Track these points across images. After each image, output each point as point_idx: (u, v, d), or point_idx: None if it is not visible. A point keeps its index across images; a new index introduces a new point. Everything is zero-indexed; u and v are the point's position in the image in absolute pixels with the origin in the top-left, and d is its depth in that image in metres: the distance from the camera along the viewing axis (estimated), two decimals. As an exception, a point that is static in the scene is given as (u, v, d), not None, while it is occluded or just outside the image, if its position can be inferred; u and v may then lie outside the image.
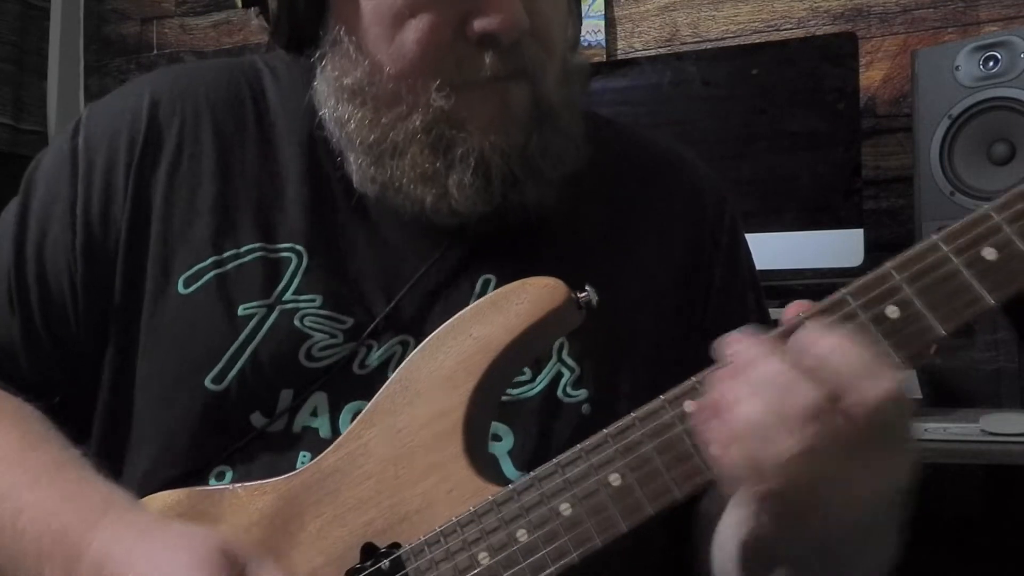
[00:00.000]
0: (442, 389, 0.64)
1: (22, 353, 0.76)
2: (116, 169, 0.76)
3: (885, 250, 1.73)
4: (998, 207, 0.51)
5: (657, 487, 0.55)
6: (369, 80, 0.71)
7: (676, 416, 0.56)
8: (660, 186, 0.84)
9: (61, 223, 0.76)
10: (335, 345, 0.72)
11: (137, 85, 0.82)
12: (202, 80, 0.80)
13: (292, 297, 0.73)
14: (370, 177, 0.73)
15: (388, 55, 0.70)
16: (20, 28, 2.33)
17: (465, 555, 0.58)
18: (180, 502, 0.67)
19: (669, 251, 0.80)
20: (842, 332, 0.51)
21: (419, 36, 0.68)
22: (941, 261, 0.52)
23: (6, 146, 2.29)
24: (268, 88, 0.81)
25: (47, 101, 2.41)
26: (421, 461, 0.62)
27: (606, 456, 0.57)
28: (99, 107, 0.81)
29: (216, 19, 2.36)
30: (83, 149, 0.77)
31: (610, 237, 0.80)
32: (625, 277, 0.78)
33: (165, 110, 0.78)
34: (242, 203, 0.75)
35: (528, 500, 0.58)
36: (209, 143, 0.77)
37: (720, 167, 1.78)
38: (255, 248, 0.74)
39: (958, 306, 0.51)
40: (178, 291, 0.73)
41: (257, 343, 0.71)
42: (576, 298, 0.65)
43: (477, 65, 0.69)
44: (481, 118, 0.70)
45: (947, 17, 1.78)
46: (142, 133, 0.77)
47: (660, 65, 1.80)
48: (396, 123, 0.71)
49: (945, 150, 1.48)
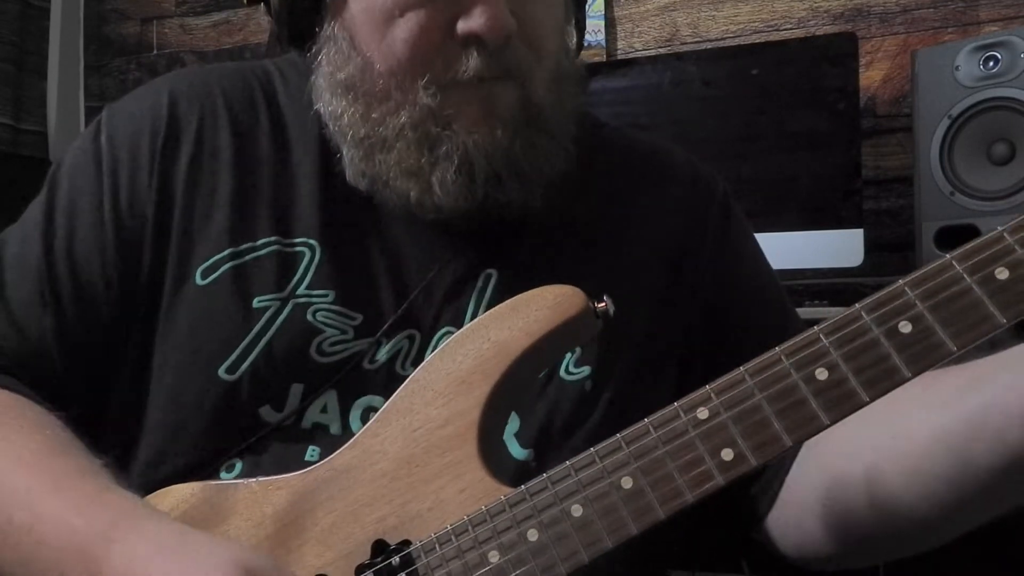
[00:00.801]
0: (459, 391, 0.64)
1: (55, 349, 0.76)
2: (140, 165, 0.78)
3: (885, 250, 1.76)
4: (1011, 229, 0.52)
5: (669, 491, 0.56)
6: (361, 76, 0.73)
7: (690, 422, 0.56)
8: (650, 177, 0.86)
9: (90, 221, 0.77)
10: (345, 341, 0.73)
11: (155, 85, 0.84)
12: (217, 81, 0.83)
13: (305, 291, 0.74)
14: (360, 171, 0.75)
15: (379, 52, 0.71)
16: (20, 28, 2.32)
17: (475, 553, 0.59)
18: (195, 495, 0.68)
19: (661, 235, 0.82)
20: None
21: (408, 35, 0.70)
22: (954, 279, 0.52)
23: (6, 146, 2.29)
24: (279, 90, 0.83)
25: (47, 101, 2.40)
26: (435, 461, 0.63)
27: (619, 459, 0.57)
28: (119, 107, 0.83)
29: (216, 19, 2.36)
30: (107, 148, 0.79)
31: (606, 228, 0.82)
32: (621, 263, 0.80)
33: (184, 107, 0.80)
34: (258, 198, 0.77)
35: (540, 501, 0.58)
36: (227, 140, 0.79)
37: (720, 167, 1.76)
38: (271, 242, 0.76)
39: (970, 324, 0.51)
40: (196, 282, 0.75)
41: (271, 335, 0.73)
42: (594, 307, 0.66)
43: (463, 65, 0.70)
44: (466, 117, 0.72)
45: (947, 17, 1.79)
46: (163, 130, 0.79)
47: (660, 65, 1.80)
48: (385, 118, 0.72)
49: (945, 150, 1.48)
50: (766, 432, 0.54)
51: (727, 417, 0.55)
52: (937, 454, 0.62)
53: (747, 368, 0.56)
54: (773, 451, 0.54)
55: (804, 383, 0.54)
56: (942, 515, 0.64)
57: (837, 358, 0.53)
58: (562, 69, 0.77)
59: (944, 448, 0.61)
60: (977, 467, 0.60)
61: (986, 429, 0.59)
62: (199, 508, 0.67)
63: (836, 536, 0.70)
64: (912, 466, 0.63)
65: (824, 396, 0.53)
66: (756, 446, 0.54)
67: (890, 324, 0.53)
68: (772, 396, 0.55)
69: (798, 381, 0.54)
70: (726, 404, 0.56)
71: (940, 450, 0.62)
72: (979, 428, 0.59)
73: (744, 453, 0.54)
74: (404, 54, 0.70)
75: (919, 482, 0.63)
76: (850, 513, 0.68)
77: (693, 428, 0.56)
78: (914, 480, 0.63)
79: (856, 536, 0.69)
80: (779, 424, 0.54)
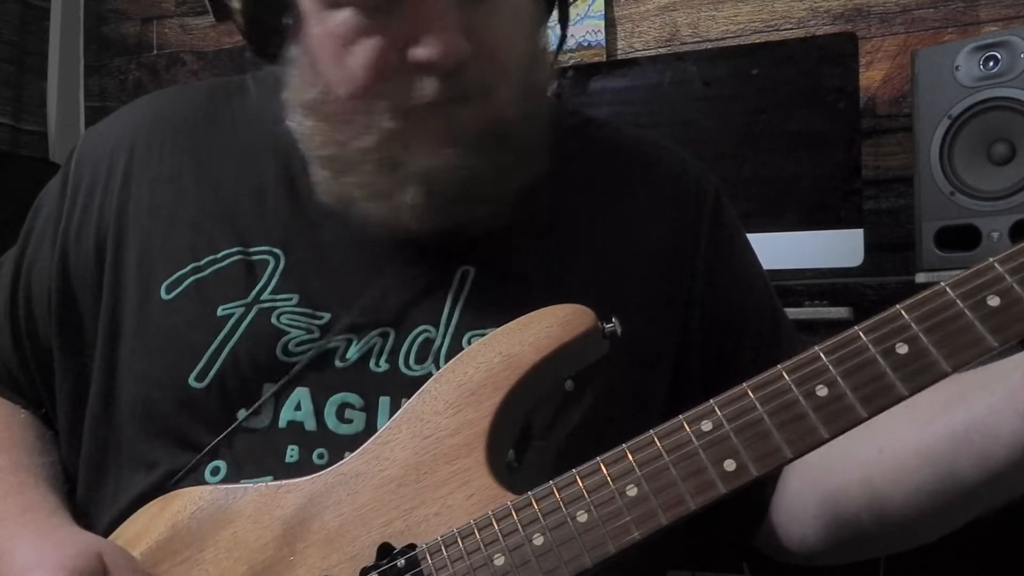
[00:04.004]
0: (469, 401, 0.66)
1: (13, 360, 0.84)
2: (95, 191, 0.82)
3: (885, 250, 1.77)
4: (1002, 259, 0.54)
5: (671, 498, 0.57)
6: (324, 99, 0.73)
7: (694, 433, 0.57)
8: (640, 173, 0.85)
9: (48, 243, 0.82)
10: (311, 340, 0.74)
11: (128, 109, 0.88)
12: (184, 103, 0.86)
13: (269, 296, 0.75)
14: (327, 190, 0.76)
15: (338, 77, 0.71)
16: (20, 28, 2.33)
17: (480, 556, 0.59)
18: (203, 497, 0.69)
19: (651, 235, 0.82)
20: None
21: (364, 62, 0.70)
22: (948, 304, 0.54)
23: (6, 146, 2.30)
24: (245, 105, 0.85)
25: (47, 101, 2.41)
26: (444, 468, 0.64)
27: (624, 467, 0.58)
28: (93, 132, 0.87)
29: (216, 19, 2.36)
30: (73, 172, 0.84)
31: (592, 225, 0.81)
32: (607, 263, 0.80)
33: (145, 133, 0.83)
34: (220, 213, 0.79)
35: (545, 506, 0.59)
36: (188, 162, 0.81)
37: (720, 167, 1.79)
38: (233, 252, 0.77)
39: (963, 345, 0.54)
40: (160, 297, 0.77)
41: (236, 341, 0.74)
42: (602, 327, 0.67)
43: (419, 90, 0.70)
44: (427, 140, 0.71)
45: (947, 17, 1.79)
46: (123, 159, 0.82)
47: (660, 65, 1.81)
48: (350, 141, 0.73)
49: (945, 150, 1.48)
50: (767, 444, 0.56)
51: (730, 429, 0.57)
52: (922, 469, 0.64)
53: (749, 384, 0.58)
54: (774, 462, 0.56)
55: (804, 399, 0.56)
56: (931, 521, 0.66)
57: (836, 375, 0.55)
58: (531, 79, 0.76)
59: (928, 464, 0.64)
60: (961, 481, 0.62)
61: (970, 447, 0.61)
62: (207, 510, 0.68)
63: (834, 539, 0.72)
64: (898, 479, 0.66)
65: (824, 411, 0.55)
66: (758, 457, 0.56)
67: (887, 344, 0.55)
68: (773, 410, 0.56)
69: (799, 397, 0.56)
70: (729, 417, 0.57)
71: (924, 465, 0.64)
72: (962, 445, 0.61)
73: (746, 464, 0.56)
74: (361, 80, 0.70)
75: (905, 492, 0.65)
76: (846, 520, 0.70)
77: (697, 439, 0.57)
78: (900, 490, 0.66)
79: (853, 537, 0.71)
80: (780, 437, 0.56)
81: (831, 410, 0.55)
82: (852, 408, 0.55)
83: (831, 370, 0.55)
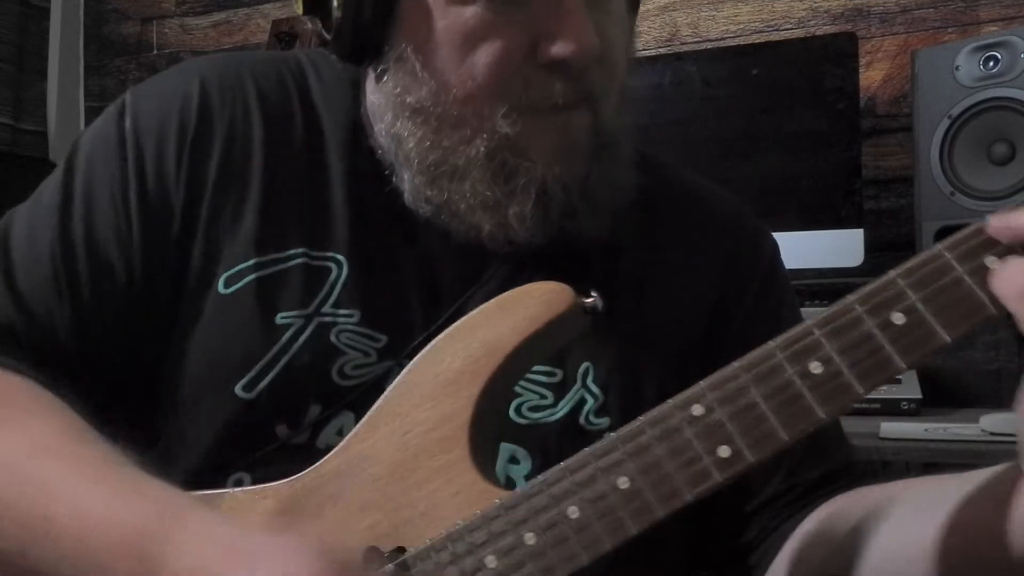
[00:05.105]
0: (448, 392, 0.63)
1: (71, 339, 0.72)
2: (167, 155, 0.74)
3: (885, 250, 1.76)
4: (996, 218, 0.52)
5: (667, 490, 0.55)
6: (434, 100, 0.69)
7: (685, 419, 0.55)
8: (695, 219, 0.82)
9: (111, 208, 0.73)
10: (368, 364, 0.71)
11: (184, 70, 0.80)
12: (250, 72, 0.78)
13: (331, 310, 0.71)
14: (424, 197, 0.72)
15: (457, 77, 0.68)
16: (20, 28, 2.33)
17: (472, 559, 0.57)
18: None
19: (701, 284, 0.79)
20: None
21: (490, 59, 0.67)
22: (945, 269, 0.52)
23: (6, 146, 2.29)
24: (313, 87, 0.79)
25: (47, 101, 2.41)
26: (426, 464, 0.62)
27: (614, 459, 0.56)
28: (145, 90, 0.78)
29: (216, 19, 2.36)
30: (131, 133, 0.74)
31: (644, 267, 0.78)
32: (655, 308, 0.77)
33: (216, 100, 0.76)
34: (289, 204, 0.74)
35: (536, 503, 0.57)
36: (259, 140, 0.75)
37: (720, 167, 1.79)
38: (298, 253, 0.73)
39: (962, 314, 0.51)
40: (218, 290, 0.72)
41: (292, 355, 0.70)
42: (582, 303, 0.64)
43: (546, 91, 0.68)
44: (544, 148, 0.69)
45: (947, 17, 1.78)
46: (192, 122, 0.74)
47: (660, 65, 1.80)
48: (458, 146, 0.70)
49: (945, 150, 1.48)
50: (762, 428, 0.54)
51: (722, 413, 0.54)
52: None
53: (741, 363, 0.55)
54: (770, 447, 0.54)
55: (799, 378, 0.53)
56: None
57: (831, 351, 0.53)
58: (626, 90, 0.74)
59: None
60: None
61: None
62: None
63: None
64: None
65: (820, 390, 0.53)
66: (753, 442, 0.54)
67: (883, 316, 0.52)
68: (767, 392, 0.54)
69: (793, 376, 0.53)
70: (720, 400, 0.55)
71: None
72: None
73: (741, 450, 0.54)
74: (485, 78, 0.67)
75: None
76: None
77: (688, 425, 0.55)
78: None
79: None
80: (775, 419, 0.53)
81: (827, 388, 0.53)
82: (849, 386, 0.52)
83: (825, 346, 0.53)
